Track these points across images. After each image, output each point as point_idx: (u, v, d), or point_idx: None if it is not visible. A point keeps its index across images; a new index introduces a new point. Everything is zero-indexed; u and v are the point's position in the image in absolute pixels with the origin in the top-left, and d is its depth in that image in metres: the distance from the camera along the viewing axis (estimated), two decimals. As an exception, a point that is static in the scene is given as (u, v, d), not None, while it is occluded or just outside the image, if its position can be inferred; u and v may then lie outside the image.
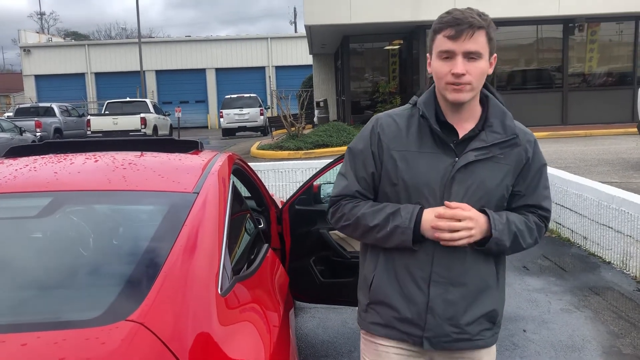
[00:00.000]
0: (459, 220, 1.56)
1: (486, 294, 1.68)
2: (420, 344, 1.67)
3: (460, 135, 1.65)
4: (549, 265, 5.00)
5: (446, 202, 1.58)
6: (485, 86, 1.69)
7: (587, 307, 4.04)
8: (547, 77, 17.01)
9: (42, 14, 58.61)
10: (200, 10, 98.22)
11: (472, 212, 1.57)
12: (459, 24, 1.54)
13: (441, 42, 1.58)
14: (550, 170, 6.39)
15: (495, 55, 1.63)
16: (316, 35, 17.69)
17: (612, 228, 4.93)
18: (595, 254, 5.20)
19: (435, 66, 1.60)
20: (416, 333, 1.67)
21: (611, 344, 3.49)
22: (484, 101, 1.70)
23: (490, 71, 1.63)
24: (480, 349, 1.73)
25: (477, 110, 1.67)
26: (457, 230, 1.56)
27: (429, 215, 1.59)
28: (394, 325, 1.69)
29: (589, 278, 4.66)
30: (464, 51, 1.55)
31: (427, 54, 1.67)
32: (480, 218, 1.59)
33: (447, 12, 1.58)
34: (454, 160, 1.61)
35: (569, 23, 16.18)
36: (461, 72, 1.54)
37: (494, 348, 1.79)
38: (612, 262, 4.95)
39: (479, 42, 1.55)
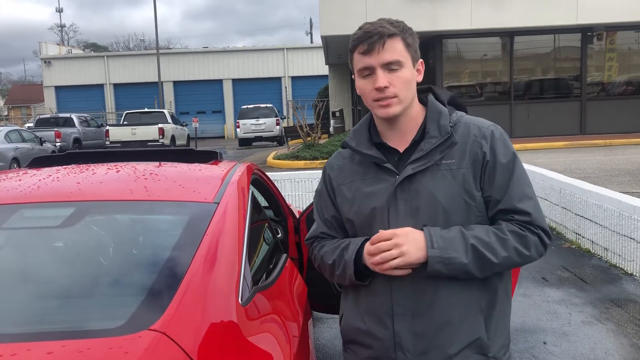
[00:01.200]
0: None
1: (466, 322, 1.50)
2: None
3: (401, 150, 1.56)
4: (569, 277, 4.93)
5: (380, 231, 1.47)
6: (428, 90, 1.63)
7: (609, 320, 3.98)
8: (565, 87, 16.88)
9: (62, 26, 59.65)
10: (217, 21, 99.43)
11: (400, 230, 1.45)
12: (370, 36, 1.49)
13: (358, 60, 1.52)
14: (568, 180, 6.33)
15: (421, 60, 1.57)
16: (332, 46, 17.76)
17: (634, 239, 4.86)
18: (617, 265, 5.12)
19: (359, 85, 1.55)
20: None
21: (634, 357, 3.42)
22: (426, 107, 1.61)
23: (420, 78, 1.57)
24: None
25: (418, 119, 1.58)
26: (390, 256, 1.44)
27: (368, 246, 1.49)
28: None
29: (610, 290, 4.59)
30: (382, 63, 1.48)
31: (352, 76, 1.62)
32: (414, 233, 1.45)
33: (359, 28, 1.54)
34: (395, 179, 1.52)
35: (587, 32, 16.07)
36: (383, 85, 1.48)
37: None
38: (634, 273, 4.87)
39: (395, 50, 1.49)
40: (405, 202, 1.51)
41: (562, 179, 6.35)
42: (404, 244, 1.44)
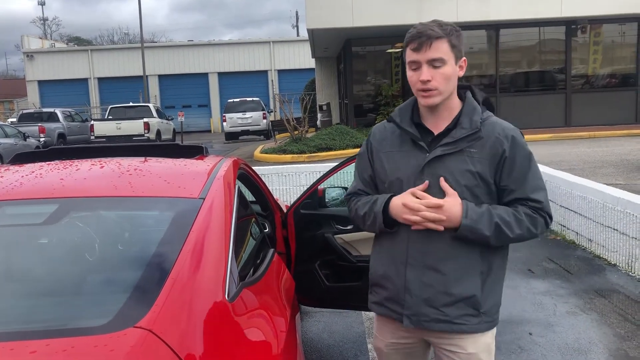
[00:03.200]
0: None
1: (466, 280, 1.80)
2: (400, 320, 1.86)
3: (435, 133, 1.86)
4: (554, 268, 4.99)
5: (412, 189, 1.79)
6: (467, 87, 1.91)
7: (593, 310, 4.03)
8: (550, 79, 17.00)
9: (45, 19, 58.88)
10: (205, 14, 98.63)
11: (445, 201, 1.75)
12: (420, 36, 1.76)
13: (409, 54, 1.81)
14: (554, 172, 6.39)
15: (464, 58, 1.84)
16: (319, 39, 17.72)
17: (617, 230, 4.92)
18: (601, 256, 5.19)
19: (408, 76, 1.84)
20: (398, 310, 1.86)
21: (618, 346, 3.47)
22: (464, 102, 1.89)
23: (461, 73, 1.84)
24: (465, 334, 1.83)
25: (454, 110, 1.86)
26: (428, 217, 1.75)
27: (397, 201, 1.82)
28: (384, 303, 1.92)
29: (594, 280, 4.65)
30: (427, 60, 1.76)
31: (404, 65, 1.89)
32: (456, 206, 1.75)
33: (414, 27, 1.80)
34: (425, 156, 1.82)
35: (571, 25, 16.18)
36: (426, 79, 1.76)
37: (484, 338, 1.86)
38: (617, 264, 4.93)
39: (440, 50, 1.76)
40: (430, 176, 1.80)
41: (547, 171, 6.40)
42: (446, 210, 1.75)
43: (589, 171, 9.23)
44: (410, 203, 1.78)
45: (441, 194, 1.79)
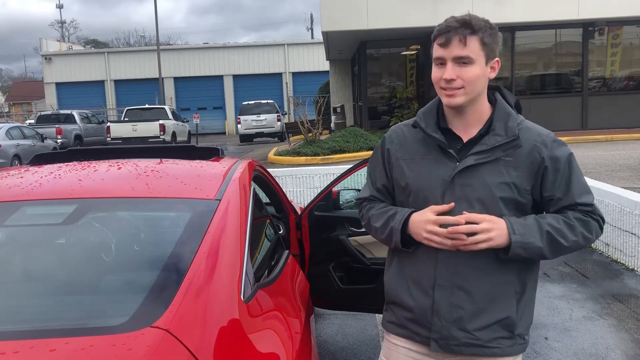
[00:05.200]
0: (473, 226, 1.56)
1: (500, 301, 1.65)
2: (427, 344, 1.69)
3: (465, 140, 1.67)
4: (570, 272, 4.94)
5: (433, 207, 1.60)
6: (496, 88, 1.73)
7: (610, 315, 3.98)
8: (567, 82, 16.84)
9: (62, 22, 59.60)
10: (223, 16, 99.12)
11: (489, 216, 1.57)
12: (448, 31, 1.59)
13: (435, 49, 1.63)
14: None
15: (497, 59, 1.65)
16: (333, 42, 17.72)
17: (635, 234, 4.86)
18: (618, 260, 5.13)
19: (433, 72, 1.66)
20: (424, 334, 1.69)
21: (636, 352, 3.43)
22: (494, 105, 1.72)
23: (492, 75, 1.65)
24: (497, 358, 1.68)
25: (484, 114, 1.68)
26: (475, 234, 1.56)
27: (417, 217, 1.63)
28: (405, 324, 1.73)
29: (611, 285, 4.59)
30: (453, 57, 1.59)
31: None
32: (500, 222, 1.58)
33: (445, 20, 1.63)
34: (455, 165, 1.64)
35: (588, 27, 16.01)
36: (450, 77, 1.59)
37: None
38: (635, 269, 4.87)
39: (469, 47, 1.58)
40: (461, 188, 1.62)
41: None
42: (492, 229, 1.55)
43: (606, 175, 9.12)
44: (436, 228, 1.58)
45: (471, 209, 1.60)
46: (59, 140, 19.91)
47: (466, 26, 1.58)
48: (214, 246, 1.66)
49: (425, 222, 1.61)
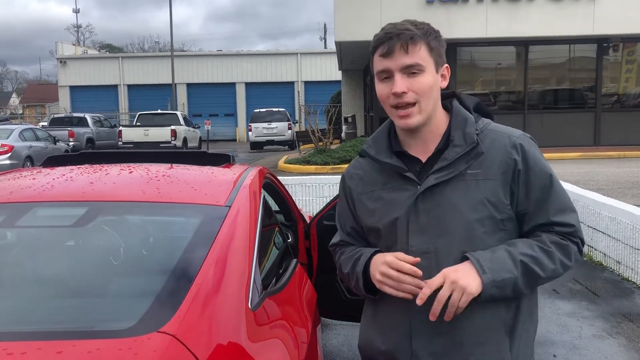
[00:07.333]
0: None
1: (489, 343, 1.42)
2: None
3: (424, 159, 1.47)
4: (580, 290, 4.88)
5: (397, 254, 1.40)
6: (452, 95, 1.54)
7: (621, 334, 3.93)
8: (580, 97, 16.76)
9: (78, 26, 60.29)
10: (240, 24, 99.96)
11: (446, 270, 1.35)
12: (390, 38, 1.40)
13: (377, 62, 1.44)
14: (582, 191, 6.27)
15: (446, 65, 1.48)
16: (346, 51, 17.78)
17: (647, 253, 4.80)
18: (629, 279, 5.06)
19: (378, 89, 1.46)
20: None
21: (646, 373, 3.38)
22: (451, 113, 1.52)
23: (444, 84, 1.47)
24: None
25: (440, 127, 1.48)
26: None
27: (377, 258, 1.44)
28: None
29: (622, 304, 4.53)
30: (400, 67, 1.40)
31: (367, 79, 1.55)
32: (462, 266, 1.35)
33: (382, 29, 1.45)
34: (416, 189, 1.44)
35: (603, 43, 15.95)
36: (401, 90, 1.39)
37: None
38: (646, 288, 4.81)
39: (416, 54, 1.40)
40: (426, 213, 1.42)
41: (575, 191, 6.29)
42: (459, 280, 1.33)
43: (618, 192, 9.04)
44: (393, 272, 1.37)
45: (441, 236, 1.40)
46: (71, 143, 20.08)
47: (409, 31, 1.41)
48: (222, 253, 1.65)
49: (381, 263, 1.41)
